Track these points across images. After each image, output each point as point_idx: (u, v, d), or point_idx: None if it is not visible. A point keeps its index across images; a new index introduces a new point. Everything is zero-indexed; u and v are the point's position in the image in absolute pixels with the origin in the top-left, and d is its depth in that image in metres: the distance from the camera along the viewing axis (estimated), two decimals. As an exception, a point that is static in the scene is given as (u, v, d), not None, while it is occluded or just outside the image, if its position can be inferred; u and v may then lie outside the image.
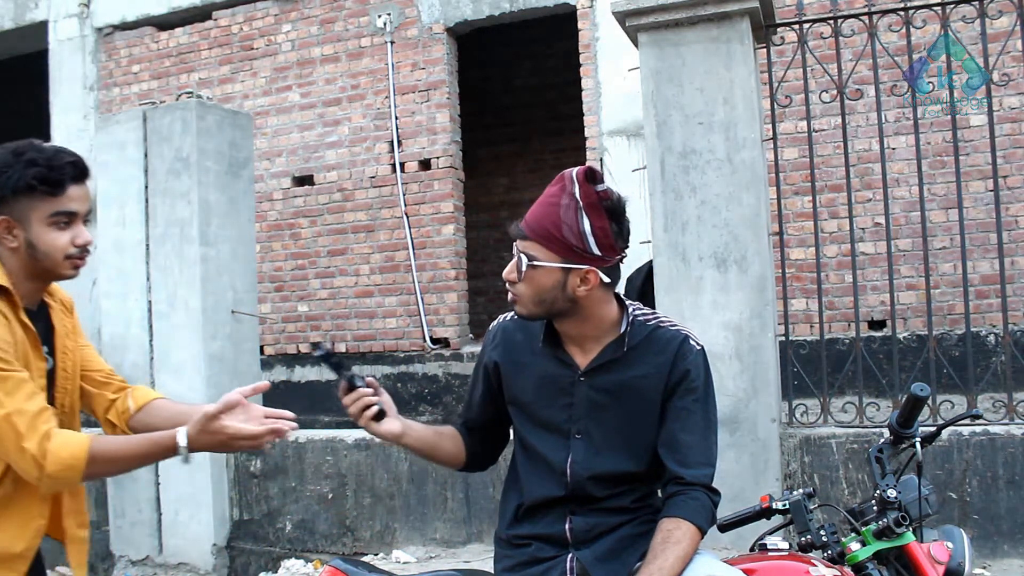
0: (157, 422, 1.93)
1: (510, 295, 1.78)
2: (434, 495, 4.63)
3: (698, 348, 1.82)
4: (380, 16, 7.22)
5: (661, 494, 1.81)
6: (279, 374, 7.41)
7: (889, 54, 4.33)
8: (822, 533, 1.79)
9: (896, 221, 5.64)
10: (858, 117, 5.77)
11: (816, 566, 1.68)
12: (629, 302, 1.85)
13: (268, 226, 7.51)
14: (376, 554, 4.61)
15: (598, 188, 1.71)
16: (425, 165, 7.15)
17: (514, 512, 1.87)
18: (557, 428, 1.82)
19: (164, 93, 7.54)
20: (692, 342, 1.81)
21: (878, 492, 1.76)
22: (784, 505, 1.84)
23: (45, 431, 1.66)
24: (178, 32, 7.98)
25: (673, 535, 1.67)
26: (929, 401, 3.38)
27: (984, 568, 3.51)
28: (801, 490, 1.85)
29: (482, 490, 4.50)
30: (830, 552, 1.78)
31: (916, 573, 1.72)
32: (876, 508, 1.76)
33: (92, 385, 1.99)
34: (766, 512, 1.87)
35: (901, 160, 5.77)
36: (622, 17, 3.85)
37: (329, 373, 7.30)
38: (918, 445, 1.81)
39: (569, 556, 1.77)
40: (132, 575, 5.14)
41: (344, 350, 7.30)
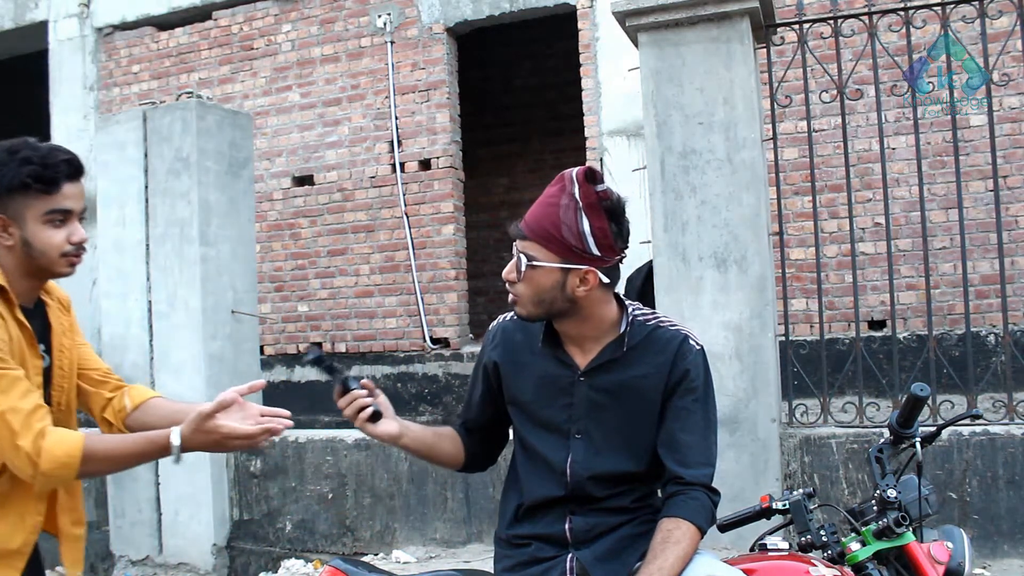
0: (153, 421, 1.93)
1: (510, 295, 1.79)
2: (434, 495, 4.63)
3: (698, 348, 1.82)
4: (380, 16, 7.22)
5: (661, 494, 1.81)
6: (279, 374, 7.41)
7: (889, 54, 4.33)
8: (822, 533, 1.79)
9: (896, 221, 5.63)
10: (858, 117, 5.76)
11: (816, 566, 1.68)
12: (629, 302, 1.85)
13: (268, 226, 7.51)
14: (376, 554, 4.61)
15: (598, 188, 1.71)
16: (425, 165, 7.15)
17: (514, 512, 1.87)
18: (557, 428, 1.82)
19: (164, 93, 7.54)
20: (692, 342, 1.82)
21: (878, 492, 1.76)
22: (784, 505, 1.84)
23: (40, 429, 1.66)
24: (178, 32, 7.98)
25: (673, 535, 1.67)
26: (929, 401, 3.38)
27: (984, 568, 3.51)
28: (801, 490, 1.85)
29: (482, 490, 4.50)
30: (830, 552, 1.78)
31: (916, 573, 1.72)
32: (876, 508, 1.76)
33: (89, 383, 1.99)
34: (766, 512, 1.87)
35: (901, 160, 5.77)
36: (622, 17, 3.85)
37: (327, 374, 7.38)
38: (918, 445, 1.81)
39: (569, 556, 1.77)
40: (132, 575, 5.14)
41: (344, 350, 7.31)
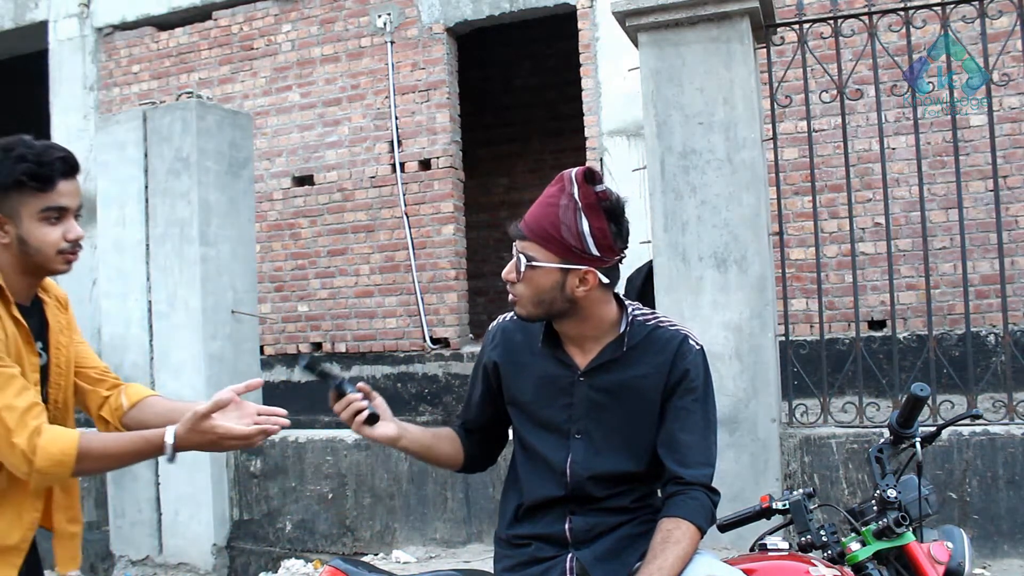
0: (150, 419, 1.93)
1: (510, 295, 1.79)
2: (434, 495, 4.63)
3: (697, 348, 1.82)
4: (380, 16, 7.22)
5: (661, 494, 1.81)
6: (279, 374, 7.41)
7: (889, 54, 4.33)
8: (822, 533, 1.79)
9: (896, 221, 5.63)
10: (858, 117, 5.76)
11: (816, 566, 1.68)
12: (628, 302, 1.85)
13: (268, 226, 7.51)
14: (376, 554, 4.61)
15: (597, 189, 1.71)
16: (425, 165, 7.15)
17: (514, 512, 1.87)
18: (557, 428, 1.82)
19: (164, 93, 7.54)
20: (691, 342, 1.82)
21: (878, 492, 1.76)
22: (784, 505, 1.84)
23: (35, 427, 1.66)
24: (178, 32, 7.98)
25: (673, 535, 1.67)
26: (929, 401, 3.38)
27: (984, 568, 3.51)
28: (801, 490, 1.85)
29: (482, 490, 4.50)
30: (830, 552, 1.78)
31: (916, 573, 1.72)
32: (876, 508, 1.76)
33: (86, 382, 1.99)
34: (766, 512, 1.87)
35: (901, 160, 5.77)
36: (622, 17, 3.85)
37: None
38: (918, 445, 1.81)
39: (569, 556, 1.77)
40: (132, 575, 5.14)
41: (344, 350, 7.31)
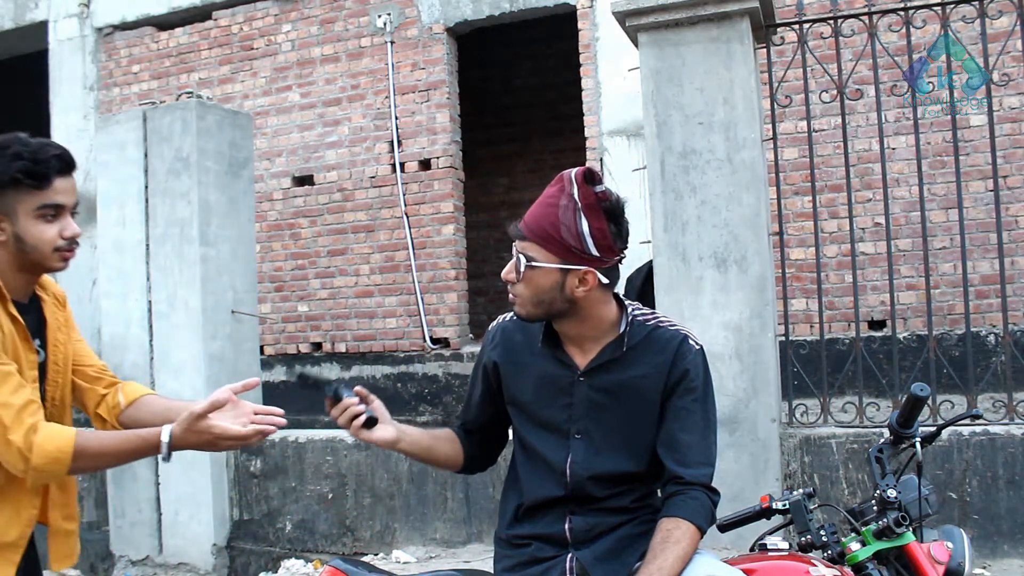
0: (147, 418, 1.93)
1: (511, 295, 1.79)
2: (434, 495, 4.63)
3: (697, 348, 1.82)
4: (380, 16, 7.22)
5: (660, 494, 1.81)
6: (279, 374, 7.41)
7: (889, 54, 4.33)
8: (822, 533, 1.79)
9: (896, 221, 5.63)
10: (858, 117, 5.76)
11: (816, 566, 1.68)
12: (628, 302, 1.85)
13: (268, 226, 7.51)
14: (376, 554, 4.61)
15: (597, 189, 1.71)
16: (425, 165, 7.15)
17: (514, 512, 1.87)
18: (557, 428, 1.82)
19: (164, 93, 7.54)
20: (691, 342, 1.82)
21: (878, 492, 1.76)
22: (784, 505, 1.84)
23: (31, 424, 1.66)
24: (178, 32, 7.98)
25: (673, 535, 1.67)
26: (929, 401, 3.38)
27: (984, 568, 3.51)
28: (801, 490, 1.85)
29: (482, 490, 4.50)
30: (830, 552, 1.78)
31: (916, 573, 1.72)
32: (876, 508, 1.76)
33: (83, 380, 1.99)
34: (766, 512, 1.87)
35: (901, 160, 5.77)
36: (622, 17, 3.85)
37: (329, 373, 7.40)
38: (918, 445, 1.81)
39: (569, 556, 1.77)
40: (132, 575, 5.14)
41: (344, 350, 7.31)
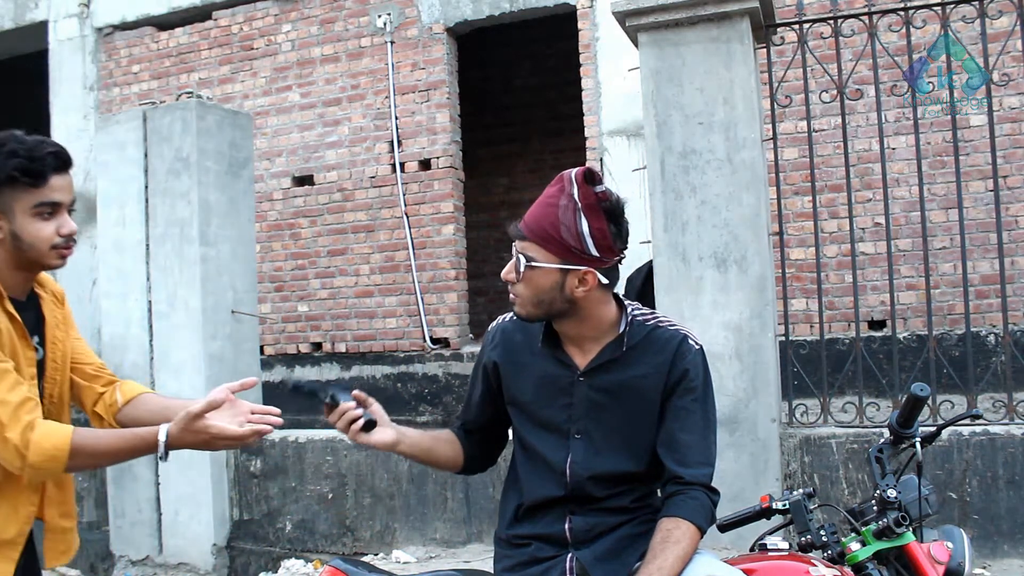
0: (144, 416, 1.93)
1: (511, 295, 1.79)
2: (434, 495, 4.63)
3: (697, 347, 1.82)
4: (380, 16, 7.22)
5: (660, 494, 1.81)
6: (279, 374, 7.41)
7: (889, 54, 4.33)
8: (822, 533, 1.79)
9: (896, 221, 5.63)
10: (858, 117, 5.76)
11: (816, 566, 1.68)
12: (628, 302, 1.85)
13: (268, 226, 7.51)
14: (376, 554, 4.61)
15: (597, 189, 1.71)
16: (425, 165, 7.15)
17: (514, 512, 1.87)
18: (557, 428, 1.82)
19: (164, 93, 7.54)
20: (691, 341, 1.82)
21: (878, 492, 1.76)
22: (784, 505, 1.84)
23: (28, 421, 1.66)
24: (178, 32, 7.98)
25: (672, 535, 1.67)
26: (929, 401, 3.38)
27: (984, 568, 3.51)
28: (801, 490, 1.85)
29: (482, 490, 4.50)
30: (830, 552, 1.78)
31: (916, 573, 1.72)
32: (876, 508, 1.76)
33: (82, 377, 1.99)
34: (766, 512, 1.87)
35: (901, 160, 5.77)
36: (622, 17, 3.85)
37: (329, 374, 7.40)
38: (918, 445, 1.81)
39: (569, 556, 1.77)
40: (132, 575, 5.14)
41: (344, 350, 7.31)
